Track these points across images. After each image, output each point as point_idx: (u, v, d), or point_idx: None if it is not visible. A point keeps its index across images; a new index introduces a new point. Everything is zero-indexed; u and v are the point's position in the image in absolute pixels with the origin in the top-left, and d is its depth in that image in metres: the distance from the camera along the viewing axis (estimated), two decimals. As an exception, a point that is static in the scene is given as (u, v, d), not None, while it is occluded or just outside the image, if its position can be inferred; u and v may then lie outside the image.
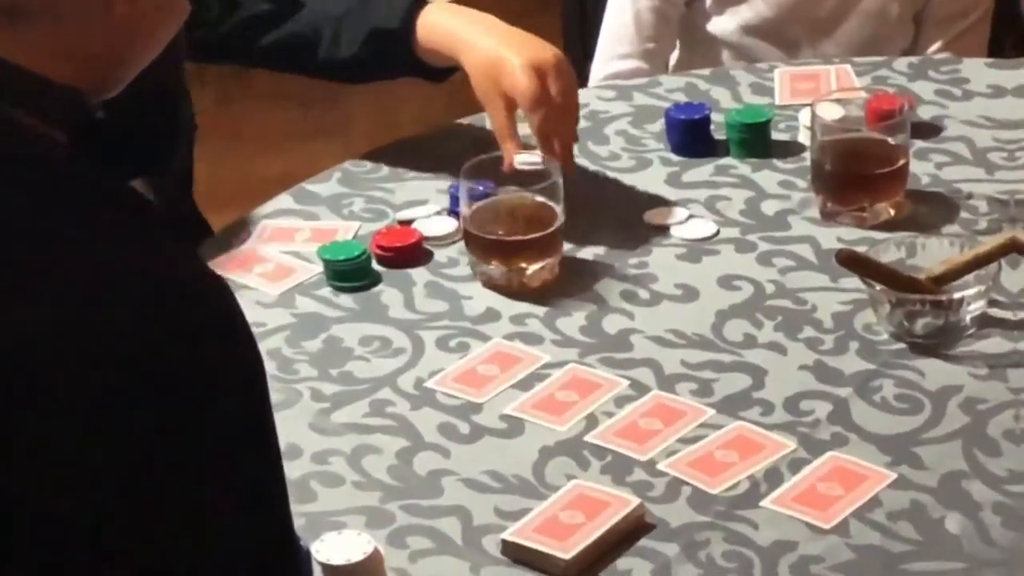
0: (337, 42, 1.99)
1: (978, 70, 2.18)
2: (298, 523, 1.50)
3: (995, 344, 1.73)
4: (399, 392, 1.71)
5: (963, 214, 1.92)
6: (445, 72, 1.99)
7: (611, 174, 2.03)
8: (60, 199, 1.19)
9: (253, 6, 2.01)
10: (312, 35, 2.01)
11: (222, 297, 1.22)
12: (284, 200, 2.01)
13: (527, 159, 1.89)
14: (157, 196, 2.02)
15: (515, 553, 1.51)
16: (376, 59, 1.99)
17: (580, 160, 2.02)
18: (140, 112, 1.35)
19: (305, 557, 1.47)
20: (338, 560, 1.45)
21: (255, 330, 1.77)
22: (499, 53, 1.88)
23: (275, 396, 1.67)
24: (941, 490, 1.55)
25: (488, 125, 2.04)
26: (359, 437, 1.66)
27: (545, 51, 1.90)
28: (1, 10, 1.20)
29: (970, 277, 1.75)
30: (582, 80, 2.30)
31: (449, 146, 2.08)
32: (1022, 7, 2.49)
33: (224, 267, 1.88)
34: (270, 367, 1.72)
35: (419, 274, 1.88)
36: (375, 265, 1.88)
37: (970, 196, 1.95)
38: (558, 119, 1.87)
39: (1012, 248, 1.76)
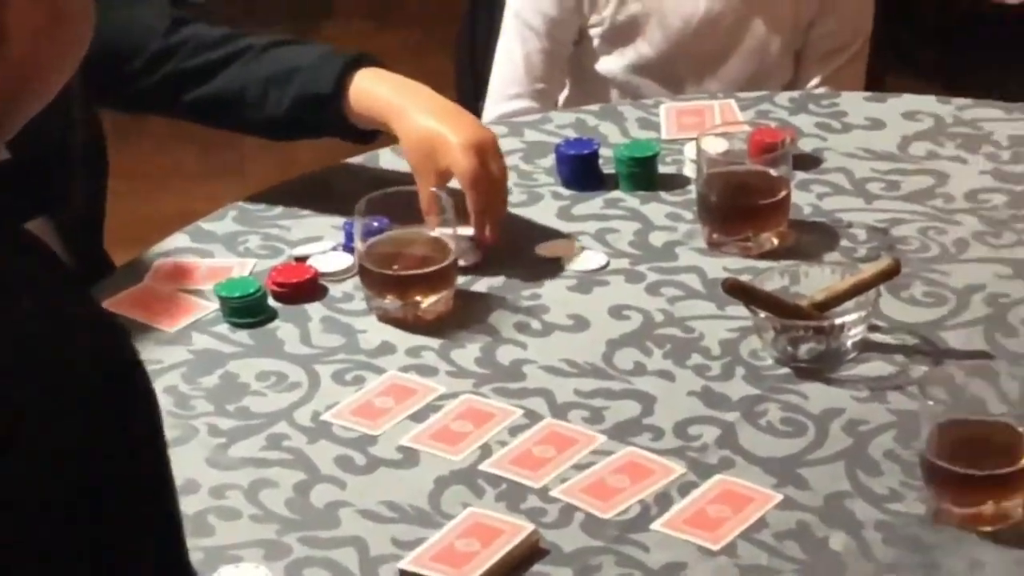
0: (264, 102, 1.98)
1: (856, 103, 2.20)
2: (196, 557, 1.48)
3: (876, 367, 1.74)
4: (295, 426, 1.70)
5: (843, 242, 1.94)
6: (372, 134, 2.00)
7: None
8: None
9: (181, 62, 2.01)
10: (239, 93, 1.99)
11: (117, 345, 1.19)
12: (180, 239, 2.00)
13: (464, 233, 1.91)
14: (62, 237, 2.02)
15: None
16: (305, 121, 1.99)
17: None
18: (28, 150, 1.34)
19: None
20: None
21: (152, 368, 1.76)
22: (438, 130, 1.89)
23: (172, 432, 1.67)
24: (825, 510, 1.56)
25: (382, 163, 2.05)
26: (256, 471, 1.65)
27: (482, 131, 1.92)
28: None
29: (851, 303, 1.76)
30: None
31: (344, 184, 2.08)
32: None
33: (121, 305, 1.87)
34: (167, 403, 1.72)
35: (315, 309, 1.87)
36: (271, 301, 1.87)
37: (850, 225, 1.96)
38: (495, 196, 1.89)
39: (890, 274, 1.78)
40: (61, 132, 1.79)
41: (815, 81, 2.39)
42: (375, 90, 1.95)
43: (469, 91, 2.46)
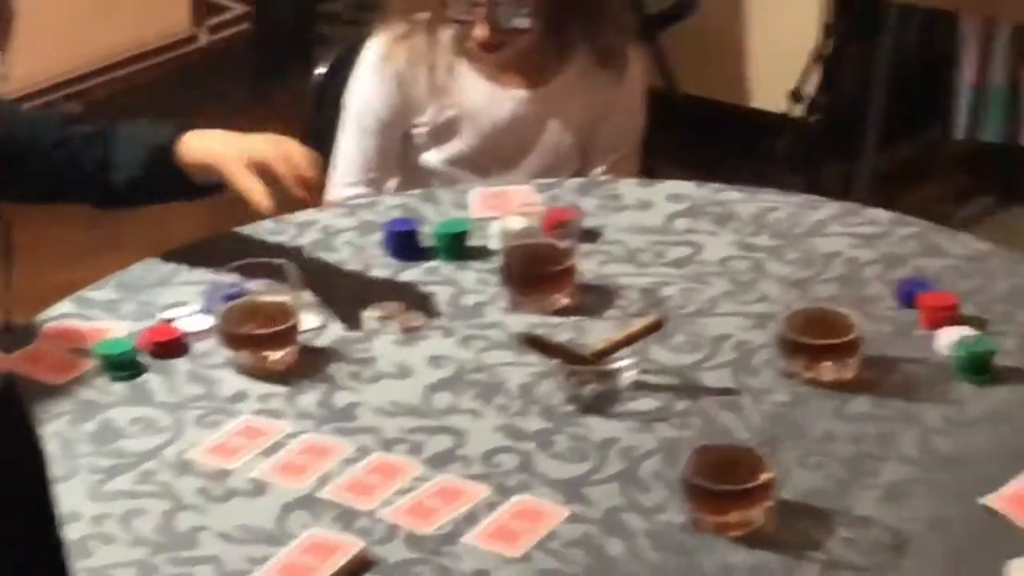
0: (109, 166, 1.98)
1: (630, 188, 2.21)
2: None
3: (645, 403, 1.76)
4: (163, 463, 1.69)
5: (619, 301, 1.95)
6: (209, 189, 2.00)
7: (339, 278, 2.03)
8: None
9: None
10: (80, 166, 1.99)
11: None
12: (66, 305, 1.98)
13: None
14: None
15: None
16: (148, 177, 1.97)
17: (314, 265, 2.03)
18: None
19: None
20: None
21: (41, 415, 1.75)
22: (244, 139, 1.92)
23: (59, 470, 1.68)
24: (604, 522, 1.58)
25: (242, 235, 2.05)
26: (129, 502, 1.64)
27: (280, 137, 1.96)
28: None
29: (625, 351, 1.78)
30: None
31: (207, 256, 2.06)
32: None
33: (15, 363, 1.85)
34: (55, 446, 1.70)
35: (181, 363, 1.86)
36: (142, 358, 1.86)
37: (624, 287, 1.98)
38: (305, 164, 1.89)
39: (656, 328, 1.81)
40: None
41: (598, 170, 2.39)
42: (205, 138, 1.96)
43: None
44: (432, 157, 2.39)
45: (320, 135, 2.44)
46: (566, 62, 2.37)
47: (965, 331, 1.83)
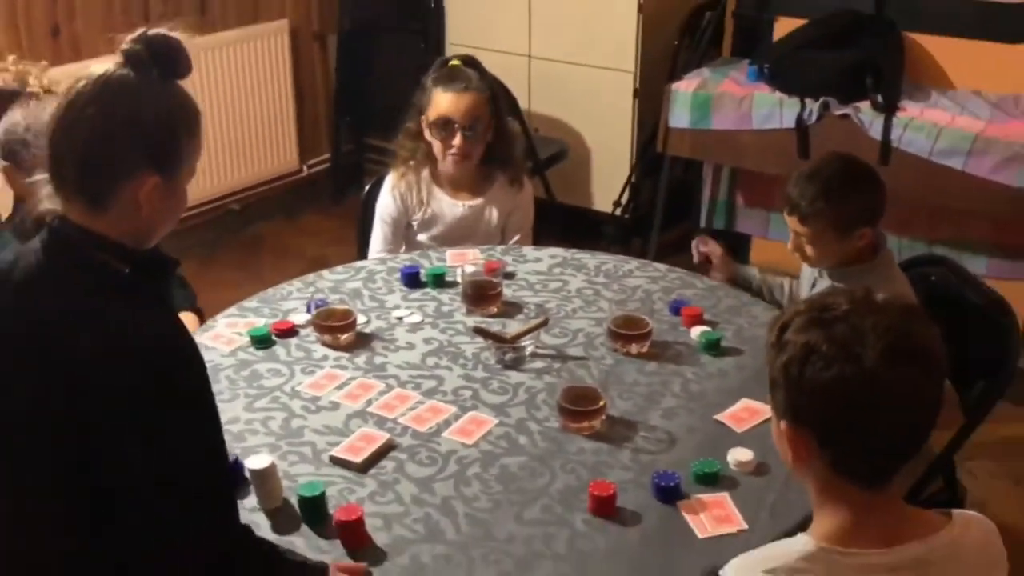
0: None
1: (529, 250, 2.15)
2: (239, 451, 1.44)
3: (538, 364, 1.72)
4: (283, 392, 1.64)
5: (525, 310, 1.90)
6: None
7: (377, 296, 1.97)
8: (120, 296, 1.11)
9: None
10: None
11: (184, 338, 1.13)
12: (232, 310, 1.89)
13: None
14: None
15: (335, 460, 1.46)
16: None
17: (365, 295, 1.98)
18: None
19: (240, 466, 1.40)
20: (256, 467, 1.39)
21: (218, 368, 1.68)
22: None
23: (228, 395, 1.61)
24: (516, 426, 1.55)
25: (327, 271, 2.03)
26: (265, 412, 1.58)
27: None
28: (95, 203, 1.11)
29: (528, 337, 1.76)
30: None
31: (306, 284, 1.99)
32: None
33: (206, 339, 1.78)
34: (224, 384, 1.64)
35: (293, 341, 1.80)
36: (273, 337, 1.80)
37: (527, 303, 1.92)
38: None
39: (544, 324, 1.80)
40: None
41: (513, 240, 2.32)
42: None
43: (361, 253, 2.43)
44: (422, 237, 2.32)
45: (366, 226, 2.41)
46: (491, 183, 2.32)
47: (706, 328, 1.84)
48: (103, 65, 1.14)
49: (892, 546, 1.04)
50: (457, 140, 2.24)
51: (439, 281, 2.02)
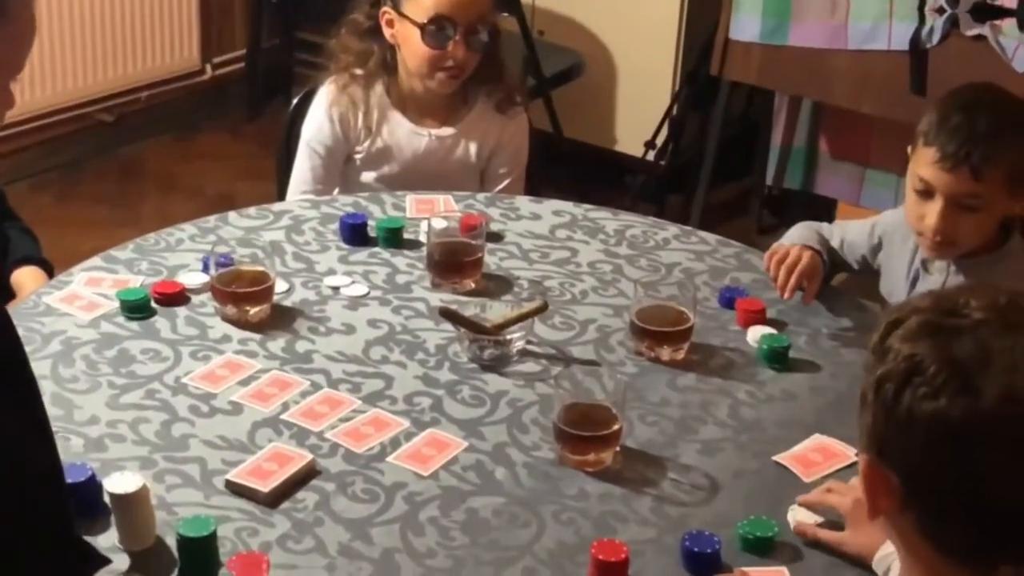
0: None
1: (524, 203, 2.19)
2: (95, 466, 1.48)
3: (529, 367, 1.74)
4: (164, 384, 1.67)
5: (515, 288, 1.93)
6: None
7: (304, 253, 1.99)
8: None
9: None
10: None
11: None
12: (96, 261, 1.93)
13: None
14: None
15: (233, 487, 1.49)
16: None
17: (289, 251, 1.99)
18: None
19: (96, 487, 1.42)
20: (119, 491, 1.40)
21: (73, 342, 1.72)
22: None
23: (84, 384, 1.65)
24: (493, 453, 1.57)
25: (230, 221, 2.01)
26: (137, 412, 1.61)
27: None
28: None
29: (516, 327, 1.77)
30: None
31: (205, 231, 2.02)
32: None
33: (56, 300, 1.81)
34: (80, 367, 1.67)
35: (181, 311, 1.82)
36: (153, 304, 1.83)
37: (518, 278, 1.96)
38: None
39: (541, 310, 1.81)
40: None
41: (498, 188, 2.32)
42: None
43: (282, 186, 2.41)
44: (368, 177, 2.31)
45: (290, 154, 2.39)
46: (470, 107, 2.31)
47: (768, 329, 1.84)
48: None
49: None
50: (459, 50, 2.21)
51: (394, 238, 2.03)
